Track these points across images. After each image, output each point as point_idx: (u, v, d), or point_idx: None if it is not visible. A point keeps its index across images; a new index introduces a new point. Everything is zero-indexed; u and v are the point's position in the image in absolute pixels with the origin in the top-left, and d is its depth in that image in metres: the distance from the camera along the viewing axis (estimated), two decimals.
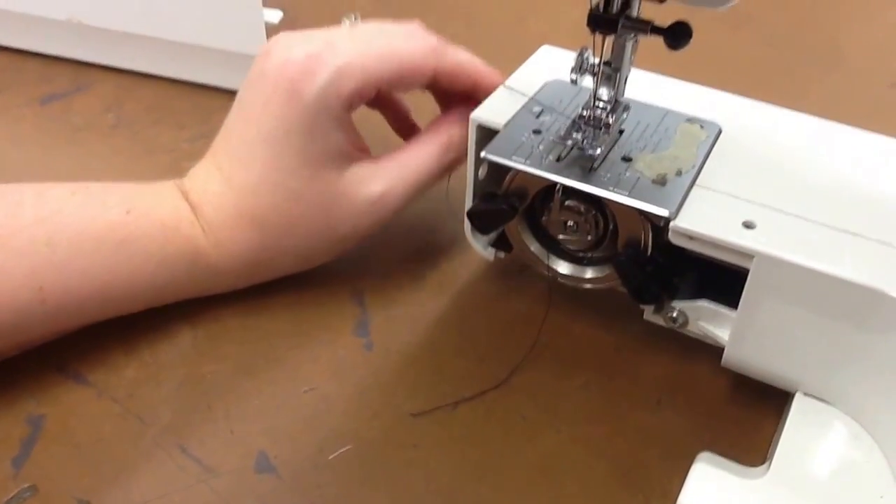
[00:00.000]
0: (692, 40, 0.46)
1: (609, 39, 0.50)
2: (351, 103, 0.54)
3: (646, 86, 0.57)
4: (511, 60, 0.61)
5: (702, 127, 0.54)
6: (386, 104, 0.65)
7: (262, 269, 0.58)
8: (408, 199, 0.57)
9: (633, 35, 0.49)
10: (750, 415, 0.54)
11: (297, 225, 0.56)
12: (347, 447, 0.51)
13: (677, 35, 0.46)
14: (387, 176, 0.56)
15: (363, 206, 0.56)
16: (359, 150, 0.56)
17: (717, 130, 0.54)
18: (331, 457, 0.51)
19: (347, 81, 0.53)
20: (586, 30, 0.49)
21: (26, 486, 0.48)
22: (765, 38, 0.93)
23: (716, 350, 0.52)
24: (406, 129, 0.65)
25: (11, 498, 0.48)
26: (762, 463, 0.49)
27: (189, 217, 0.55)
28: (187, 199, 0.56)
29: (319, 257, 0.59)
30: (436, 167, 0.58)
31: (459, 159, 0.58)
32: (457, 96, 0.60)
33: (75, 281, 0.52)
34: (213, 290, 0.58)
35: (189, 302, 0.58)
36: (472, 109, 0.55)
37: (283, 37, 0.56)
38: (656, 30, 0.47)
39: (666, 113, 0.55)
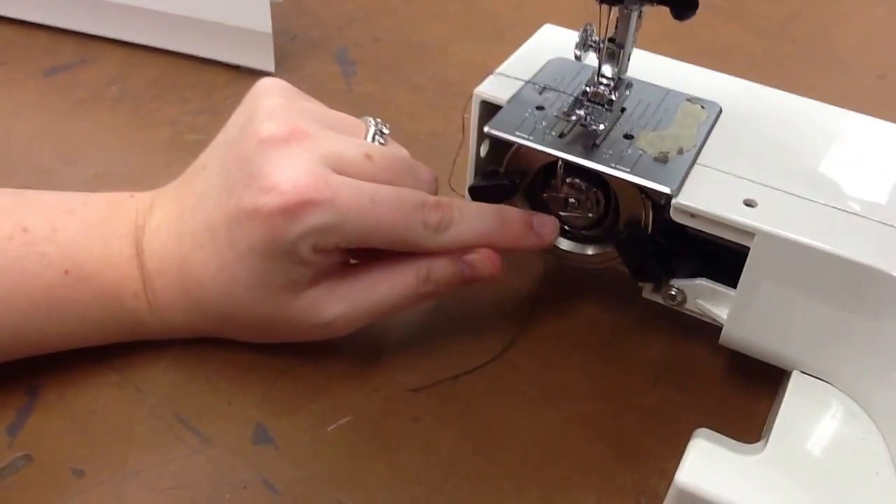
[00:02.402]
0: (685, 29, 0.46)
1: (613, 17, 0.50)
2: (326, 252, 0.48)
3: (647, 66, 0.57)
4: (513, 39, 0.60)
5: (703, 107, 0.54)
6: None
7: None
8: (366, 323, 0.51)
9: (638, 6, 0.49)
10: (746, 394, 0.54)
11: (241, 325, 0.52)
12: (346, 419, 0.51)
13: (683, 5, 0.46)
14: (346, 301, 0.50)
15: (312, 328, 0.51)
16: (323, 273, 0.50)
17: (717, 110, 0.54)
18: (329, 429, 0.51)
19: (329, 239, 0.47)
20: (587, 10, 0.49)
21: (21, 454, 0.48)
22: (756, 30, 0.93)
23: (713, 330, 0.52)
24: None
25: (6, 466, 0.48)
26: (757, 441, 0.49)
27: (135, 287, 0.51)
28: (140, 262, 0.51)
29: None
30: (406, 298, 0.51)
31: (438, 294, 0.52)
32: None
33: (3, 338, 0.48)
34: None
35: None
36: (473, 257, 0.52)
37: (278, 115, 0.49)
38: (663, 0, 0.47)
39: (667, 92, 0.55)
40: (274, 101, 0.49)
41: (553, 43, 0.59)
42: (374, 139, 0.51)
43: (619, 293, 0.59)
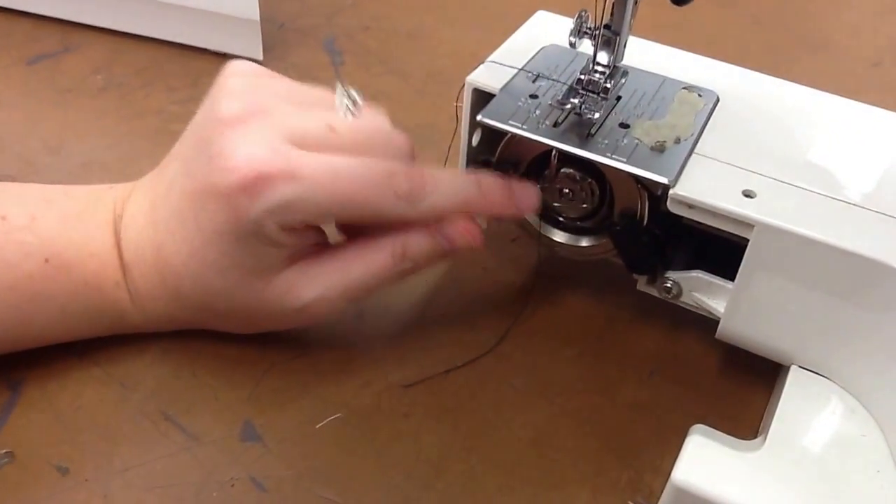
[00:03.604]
0: (679, 16, 0.45)
1: (608, 3, 0.49)
2: (295, 231, 0.47)
3: (642, 54, 0.56)
4: (505, 26, 0.59)
5: (700, 95, 0.54)
6: None
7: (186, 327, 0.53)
8: (344, 306, 0.50)
9: None
10: (741, 389, 0.54)
11: (218, 314, 0.51)
12: (336, 415, 0.50)
13: None
14: (321, 282, 0.49)
15: (288, 313, 0.49)
16: (299, 254, 0.49)
17: (714, 99, 0.54)
18: (318, 426, 0.50)
19: (294, 215, 0.46)
20: None
21: (3, 451, 0.47)
22: (751, 18, 0.92)
23: (708, 323, 0.52)
24: None
25: None
26: (753, 436, 0.49)
27: (115, 277, 0.50)
28: (119, 252, 0.50)
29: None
30: (383, 277, 0.50)
31: (417, 269, 0.51)
32: None
33: None
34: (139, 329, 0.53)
35: None
36: (449, 226, 0.50)
37: (238, 94, 0.48)
38: None
39: (663, 80, 0.55)
40: (237, 81, 0.48)
41: (546, 30, 0.58)
42: (345, 110, 0.49)
43: (614, 285, 0.58)
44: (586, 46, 0.51)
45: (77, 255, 0.49)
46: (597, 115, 0.50)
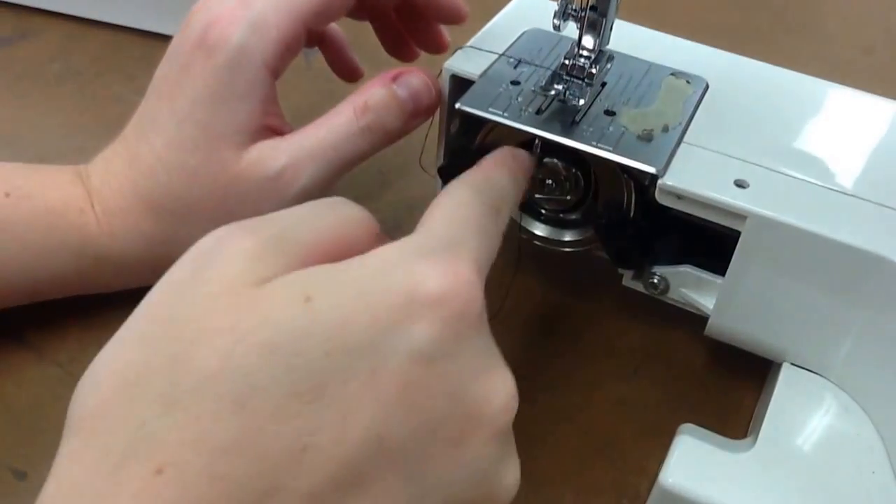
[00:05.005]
0: (666, 3, 0.44)
1: None
2: (275, 58, 0.49)
3: (628, 38, 0.55)
4: (486, 9, 0.58)
5: (688, 82, 0.53)
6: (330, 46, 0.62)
7: (161, 263, 0.53)
8: (320, 176, 0.51)
9: None
10: (729, 386, 0.53)
11: (193, 211, 0.51)
12: None
13: None
14: (289, 150, 0.50)
15: (262, 184, 0.50)
16: (272, 129, 0.51)
17: (704, 85, 0.53)
18: None
19: (266, 33, 0.48)
20: None
21: None
22: (741, 2, 0.92)
23: (694, 318, 0.51)
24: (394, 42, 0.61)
25: None
26: (743, 436, 0.49)
27: (80, 204, 0.51)
28: (86, 183, 0.51)
29: None
30: (351, 135, 0.51)
31: (386, 128, 0.52)
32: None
33: None
34: (106, 286, 0.53)
35: None
36: (403, 74, 0.51)
37: (202, 3, 0.51)
38: None
39: (650, 66, 0.54)
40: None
41: (529, 13, 0.57)
42: None
43: (598, 281, 0.58)
44: (571, 30, 0.50)
45: (39, 187, 0.50)
46: (581, 102, 0.49)
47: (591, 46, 0.49)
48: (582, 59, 0.50)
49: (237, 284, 0.31)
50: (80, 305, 0.53)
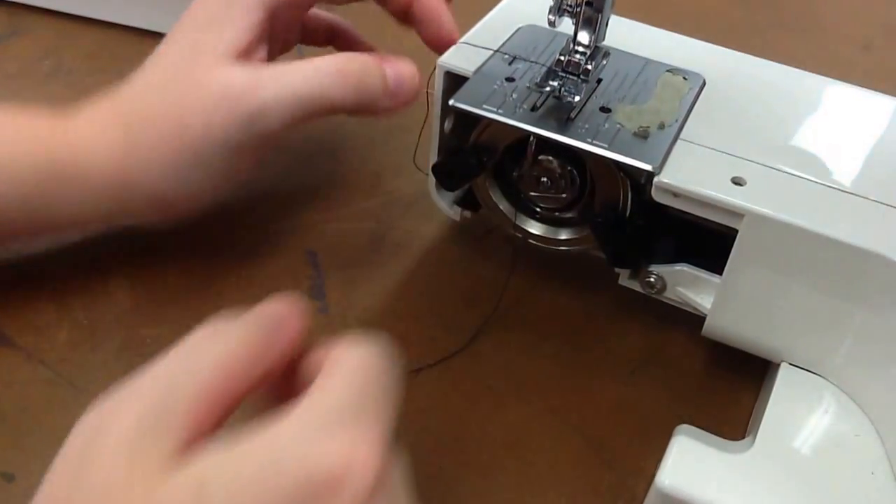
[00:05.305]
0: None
1: None
2: None
3: (624, 34, 0.55)
4: (480, 5, 0.58)
5: (685, 78, 0.53)
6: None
7: (118, 184, 0.52)
8: (278, 108, 0.50)
9: None
10: (727, 387, 0.53)
11: (153, 119, 0.50)
12: None
13: None
14: (255, 73, 0.50)
15: (215, 92, 0.50)
16: (253, 48, 0.52)
17: (700, 82, 0.53)
18: None
19: None
20: None
21: None
22: None
23: (692, 318, 0.51)
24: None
25: None
26: (741, 437, 0.49)
27: (49, 121, 0.51)
28: (57, 113, 0.52)
29: (187, 185, 0.52)
30: (328, 74, 0.51)
31: (364, 86, 0.52)
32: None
33: None
34: (66, 216, 0.52)
35: (129, 259, 0.56)
36: (393, 59, 0.52)
37: None
38: None
39: (647, 62, 0.54)
40: None
41: (524, 8, 0.57)
42: None
43: (594, 280, 0.57)
44: (566, 26, 0.49)
45: (9, 116, 0.51)
46: (577, 99, 0.49)
47: (586, 42, 0.49)
48: (577, 56, 0.50)
49: (126, 481, 0.31)
50: (68, 305, 0.53)
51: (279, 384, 0.37)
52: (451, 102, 0.50)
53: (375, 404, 0.34)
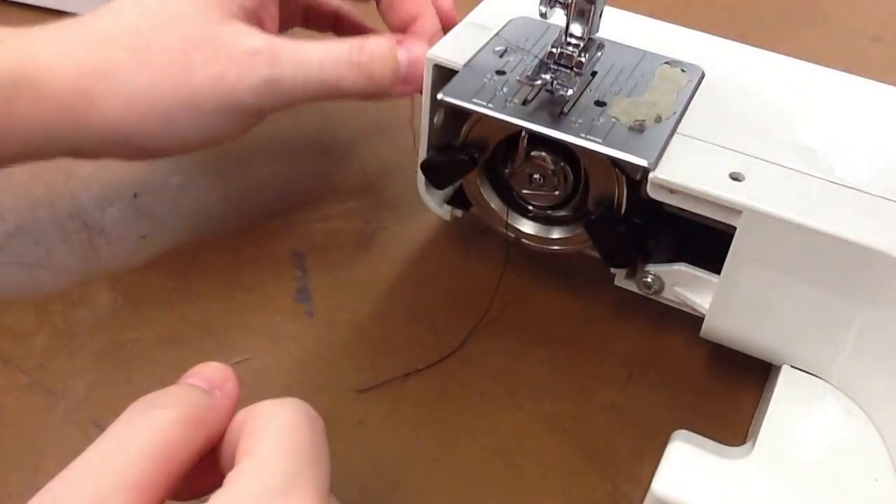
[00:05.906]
0: None
1: None
2: None
3: (620, 25, 0.54)
4: None
5: (683, 70, 0.52)
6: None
7: (77, 108, 0.50)
8: (291, 87, 0.50)
9: None
10: (727, 390, 0.52)
11: (150, 50, 0.48)
12: None
13: None
14: (271, 42, 0.50)
15: (232, 45, 0.49)
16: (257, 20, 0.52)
17: (699, 74, 0.52)
18: None
19: None
20: None
21: None
22: None
23: (691, 320, 0.50)
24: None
25: None
26: (742, 442, 0.48)
27: (14, 30, 0.48)
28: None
29: (176, 127, 0.50)
30: (339, 61, 0.51)
31: (373, 77, 0.52)
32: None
33: None
34: (18, 136, 0.48)
35: (109, 261, 0.56)
36: (410, 41, 0.52)
37: None
38: None
39: (643, 54, 0.53)
40: None
41: (515, 0, 0.56)
42: None
43: (589, 280, 0.57)
44: (558, 17, 0.49)
45: None
46: (570, 92, 0.48)
47: (579, 34, 0.48)
48: (570, 48, 0.49)
49: None
50: (46, 309, 0.53)
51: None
52: (439, 96, 0.49)
53: (310, 465, 0.34)
